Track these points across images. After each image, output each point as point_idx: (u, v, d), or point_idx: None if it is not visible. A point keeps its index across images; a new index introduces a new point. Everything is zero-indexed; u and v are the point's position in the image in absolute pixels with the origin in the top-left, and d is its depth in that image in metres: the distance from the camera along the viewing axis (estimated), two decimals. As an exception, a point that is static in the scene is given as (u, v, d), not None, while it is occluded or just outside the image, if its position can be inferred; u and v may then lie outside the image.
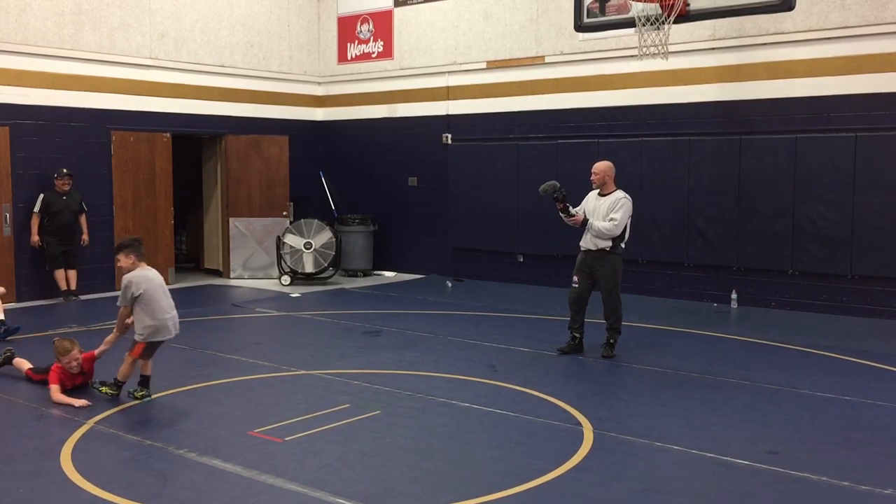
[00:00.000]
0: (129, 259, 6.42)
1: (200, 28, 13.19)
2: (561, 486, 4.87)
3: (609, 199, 7.98)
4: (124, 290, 6.36)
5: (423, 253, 13.99)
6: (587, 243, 8.04)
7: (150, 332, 6.39)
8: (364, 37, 14.55)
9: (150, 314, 6.36)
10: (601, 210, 7.95)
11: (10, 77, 11.03)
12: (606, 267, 7.96)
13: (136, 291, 6.31)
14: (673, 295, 11.32)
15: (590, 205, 8.07)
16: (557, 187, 7.94)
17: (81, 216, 11.49)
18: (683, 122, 11.21)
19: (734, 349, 8.55)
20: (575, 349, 8.19)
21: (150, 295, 6.35)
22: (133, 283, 6.33)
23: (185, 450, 5.43)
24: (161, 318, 6.40)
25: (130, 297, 6.33)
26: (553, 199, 7.98)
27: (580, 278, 8.09)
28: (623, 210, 7.87)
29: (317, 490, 4.76)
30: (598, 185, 8.07)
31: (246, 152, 13.78)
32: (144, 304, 6.34)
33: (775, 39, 10.47)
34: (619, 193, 8.02)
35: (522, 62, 12.65)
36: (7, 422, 6.12)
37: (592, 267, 8.01)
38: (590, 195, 8.16)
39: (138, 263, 6.44)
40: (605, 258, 7.97)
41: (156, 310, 6.37)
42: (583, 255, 8.11)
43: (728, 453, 5.38)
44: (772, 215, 10.55)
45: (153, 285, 6.41)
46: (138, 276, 6.36)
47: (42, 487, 4.85)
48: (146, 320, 6.36)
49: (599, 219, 7.90)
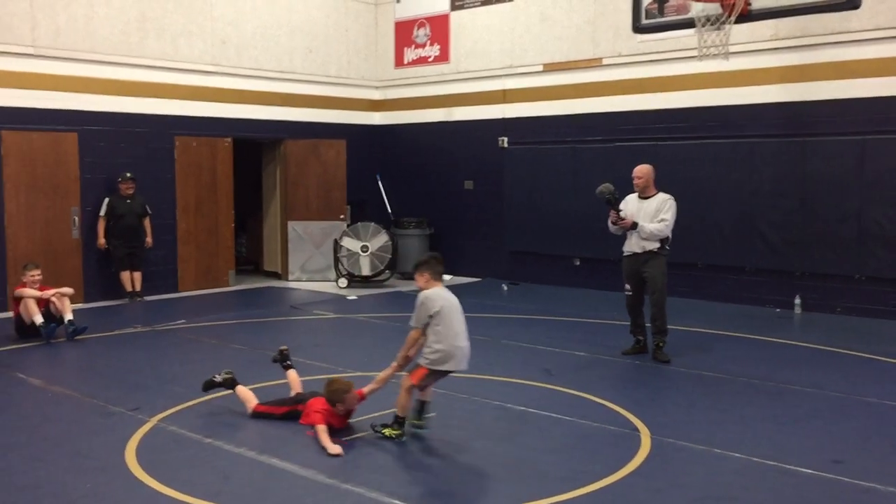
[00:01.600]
0: (422, 277, 5.77)
1: (261, 34, 13.41)
2: (618, 491, 4.81)
3: (654, 201, 7.99)
4: (418, 309, 5.63)
5: (479, 256, 13.98)
6: (632, 247, 8.04)
7: (439, 358, 5.56)
8: (421, 41, 14.62)
9: (441, 338, 5.57)
10: (647, 212, 7.94)
11: (78, 84, 11.37)
12: (655, 268, 7.95)
13: (431, 310, 5.57)
14: (734, 300, 11.10)
15: (631, 208, 8.04)
16: (613, 190, 7.94)
17: (145, 219, 11.78)
18: (745, 124, 11.00)
19: (797, 356, 8.35)
20: (639, 350, 8.21)
21: (445, 316, 5.59)
22: (429, 299, 5.61)
23: (244, 448, 5.53)
24: (453, 344, 5.58)
25: (425, 316, 5.58)
26: (607, 201, 7.98)
27: (632, 284, 8.10)
28: (672, 211, 7.90)
29: (372, 490, 4.80)
30: (642, 188, 8.07)
31: (304, 156, 13.97)
32: (438, 325, 5.57)
33: (840, 39, 10.20)
34: (663, 195, 8.03)
35: (579, 64, 12.57)
36: (74, 419, 6.30)
37: (640, 270, 8.01)
38: (629, 198, 8.14)
39: (433, 283, 5.75)
40: (652, 260, 7.96)
41: (449, 334, 5.57)
42: (629, 260, 8.12)
43: (791, 462, 5.26)
44: (837, 219, 10.28)
45: (450, 305, 5.67)
46: (435, 294, 5.66)
47: (108, 483, 4.98)
48: (436, 344, 5.56)
49: (647, 221, 7.88)
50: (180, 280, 12.58)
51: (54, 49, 11.11)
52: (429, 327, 5.59)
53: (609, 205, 7.99)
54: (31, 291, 8.91)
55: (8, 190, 10.78)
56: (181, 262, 12.58)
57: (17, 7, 10.77)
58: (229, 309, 11.33)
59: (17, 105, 10.80)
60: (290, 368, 6.68)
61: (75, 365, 8.27)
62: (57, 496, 4.78)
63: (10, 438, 5.80)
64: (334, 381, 5.91)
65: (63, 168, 11.29)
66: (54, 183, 11.21)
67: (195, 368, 7.85)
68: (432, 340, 5.58)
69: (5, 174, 10.76)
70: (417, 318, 5.64)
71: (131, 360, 8.22)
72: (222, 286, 13.03)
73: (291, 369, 6.67)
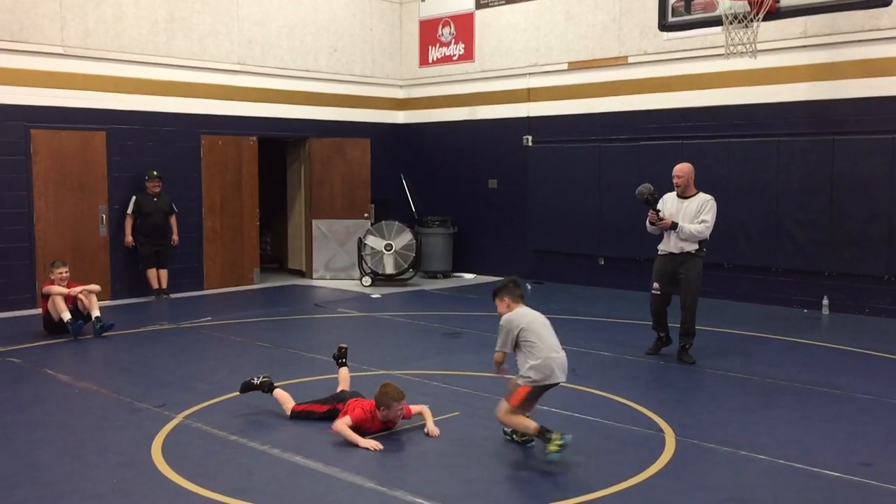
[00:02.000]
0: (503, 303, 5.65)
1: (286, 34, 13.48)
2: (642, 492, 4.78)
3: (694, 201, 7.87)
4: (501, 334, 5.52)
5: (503, 255, 13.95)
6: (670, 247, 7.90)
7: (539, 373, 5.39)
8: (445, 39, 14.62)
9: (537, 352, 5.40)
10: (688, 213, 7.82)
11: (107, 84, 11.49)
12: (692, 270, 7.83)
13: (515, 330, 5.43)
14: (761, 300, 10.99)
15: (670, 208, 7.92)
16: (652, 191, 7.84)
17: (172, 217, 11.89)
18: (773, 122, 10.89)
19: (825, 357, 8.25)
20: (662, 345, 8.14)
21: (534, 331, 5.45)
22: (509, 321, 5.49)
23: (268, 445, 5.55)
24: (549, 356, 5.41)
25: (511, 338, 5.44)
26: (646, 201, 7.87)
27: (661, 284, 7.97)
28: (713, 212, 7.79)
29: (395, 489, 4.80)
30: (682, 187, 7.94)
31: (329, 155, 14.02)
32: (528, 340, 5.44)
33: (870, 36, 10.06)
34: (703, 195, 7.92)
35: (605, 63, 12.50)
36: (101, 415, 6.37)
37: (675, 271, 7.88)
38: (668, 198, 8.02)
39: (514, 305, 5.63)
40: (689, 261, 7.84)
41: (543, 347, 5.43)
42: (664, 260, 7.98)
43: (818, 464, 5.19)
44: (867, 219, 10.14)
45: (534, 319, 5.55)
46: (516, 314, 5.54)
47: (133, 478, 5.03)
48: (532, 360, 5.40)
49: (687, 222, 7.76)
50: (206, 278, 12.68)
51: (83, 49, 11.24)
52: (519, 347, 5.45)
53: (648, 205, 7.88)
54: (58, 289, 9.02)
55: (37, 188, 10.93)
56: (207, 259, 12.68)
57: (47, 8, 10.91)
58: (254, 307, 11.40)
59: (46, 104, 10.94)
60: (343, 366, 6.65)
61: (102, 361, 8.36)
62: (83, 491, 4.83)
63: (37, 433, 5.87)
64: (388, 385, 5.78)
65: (91, 166, 11.42)
66: (82, 181, 11.34)
67: (220, 365, 7.92)
68: (528, 357, 5.42)
69: (35, 172, 10.90)
70: (502, 342, 5.51)
71: (157, 356, 8.30)
72: (247, 284, 13.11)
73: (344, 367, 6.64)
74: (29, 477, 5.04)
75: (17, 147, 10.76)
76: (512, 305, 5.63)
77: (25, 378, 7.44)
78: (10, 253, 10.72)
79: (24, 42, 10.73)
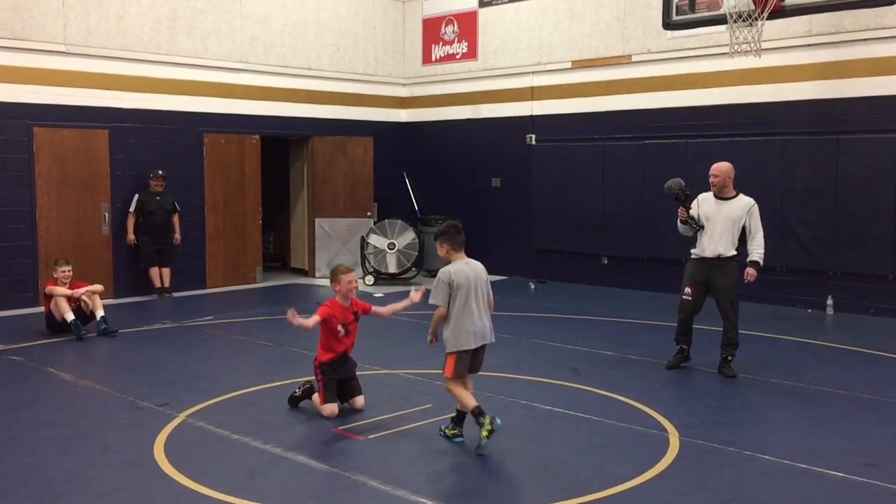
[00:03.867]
0: (442, 249, 5.58)
1: (289, 32, 13.46)
2: (645, 492, 4.76)
3: (736, 205, 7.37)
4: (440, 287, 5.45)
5: (506, 254, 13.93)
6: (703, 251, 7.40)
7: (455, 339, 5.45)
8: (448, 38, 14.60)
9: (456, 315, 5.45)
10: (728, 216, 7.33)
11: (109, 82, 11.48)
12: (728, 275, 7.34)
13: (449, 286, 5.39)
14: (765, 300, 10.95)
15: (706, 209, 7.42)
16: (683, 186, 7.36)
17: (174, 216, 11.88)
18: (777, 121, 10.85)
19: (829, 357, 8.23)
20: (683, 360, 7.70)
21: (463, 292, 5.43)
22: (449, 275, 5.43)
23: (271, 445, 5.54)
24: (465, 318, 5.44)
25: (447, 294, 5.39)
26: (675, 198, 7.38)
27: (694, 290, 7.45)
28: (759, 219, 7.38)
29: (399, 488, 4.79)
30: (720, 187, 7.42)
31: (331, 153, 14.00)
32: (454, 302, 5.41)
33: (876, 35, 10.03)
34: (746, 200, 7.41)
35: (608, 61, 12.47)
36: (104, 414, 6.37)
37: (710, 276, 7.38)
38: (704, 198, 7.51)
39: (454, 254, 5.55)
40: (725, 266, 7.34)
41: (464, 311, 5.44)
42: (697, 264, 7.48)
43: (821, 464, 5.17)
44: (871, 218, 10.11)
45: (469, 279, 5.47)
46: (453, 270, 5.47)
47: (136, 477, 5.02)
48: (450, 324, 5.47)
49: (728, 226, 7.31)
50: (208, 276, 12.67)
51: (86, 47, 11.23)
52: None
53: (678, 201, 7.37)
54: (61, 290, 9.00)
55: (40, 186, 10.92)
56: (209, 258, 12.67)
57: (50, 6, 10.90)
58: (257, 305, 11.40)
59: (48, 102, 10.93)
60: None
61: (105, 360, 8.36)
62: (86, 489, 4.82)
63: (40, 432, 5.87)
64: (337, 265, 6.29)
65: (94, 165, 11.41)
66: (85, 179, 11.34)
67: (223, 364, 7.92)
68: (448, 321, 5.44)
69: (37, 170, 10.89)
70: (442, 298, 5.44)
71: (160, 355, 8.29)
72: (250, 283, 13.11)
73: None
74: (32, 476, 5.04)
75: (19, 145, 10.76)
76: (451, 253, 5.54)
77: (28, 377, 7.44)
78: (12, 251, 10.72)
79: (27, 40, 10.72)
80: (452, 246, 5.55)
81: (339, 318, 6.14)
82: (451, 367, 5.50)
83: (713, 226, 7.36)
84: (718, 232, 7.33)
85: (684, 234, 7.60)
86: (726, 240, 7.33)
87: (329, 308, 6.13)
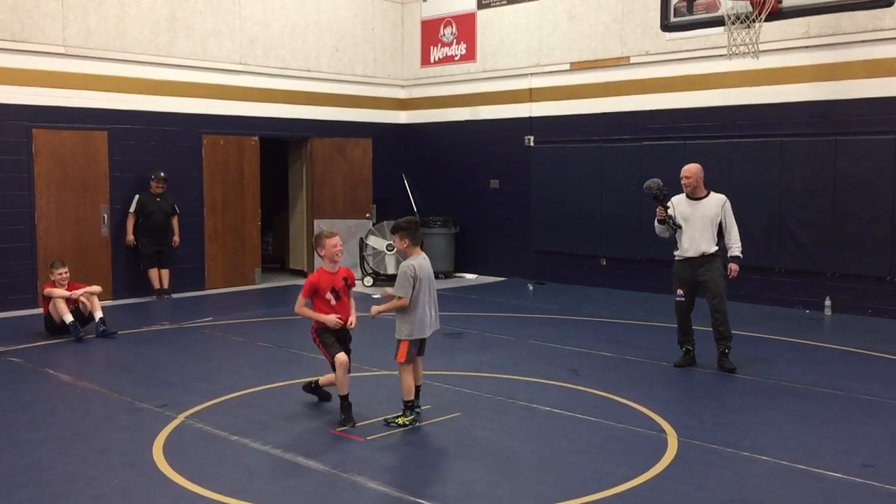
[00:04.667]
0: (402, 242, 5.91)
1: (288, 33, 13.48)
2: (643, 493, 4.77)
3: (709, 203, 7.60)
4: (406, 279, 5.80)
5: (505, 255, 13.95)
6: (685, 251, 7.61)
7: (413, 327, 5.87)
8: (447, 39, 14.62)
9: (416, 307, 5.85)
10: (704, 214, 7.55)
11: (108, 83, 11.49)
12: (714, 271, 7.57)
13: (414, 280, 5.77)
14: (763, 301, 10.98)
15: (683, 210, 7.63)
16: (661, 186, 7.56)
17: (174, 218, 11.88)
18: (775, 122, 10.87)
19: (827, 358, 8.24)
20: (691, 361, 7.80)
21: (424, 286, 5.85)
22: (414, 269, 5.80)
23: (270, 446, 5.55)
24: (425, 311, 5.88)
25: (411, 287, 5.78)
26: (654, 197, 7.57)
27: (685, 290, 7.67)
28: (732, 215, 7.63)
29: (397, 490, 4.79)
30: (692, 188, 7.64)
31: (330, 155, 14.01)
32: (416, 295, 5.80)
33: (873, 37, 10.04)
34: (717, 196, 7.65)
35: (607, 63, 12.49)
36: (103, 415, 6.37)
37: (696, 274, 7.59)
38: (678, 199, 7.71)
39: (413, 249, 5.90)
40: (709, 263, 7.57)
41: (424, 303, 5.86)
42: (683, 265, 7.68)
43: (820, 465, 5.18)
44: (869, 219, 10.13)
45: (428, 273, 5.91)
46: (417, 264, 5.85)
47: (135, 479, 5.02)
48: (410, 314, 5.85)
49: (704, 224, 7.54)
50: (207, 278, 12.68)
51: (85, 49, 11.24)
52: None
53: (657, 201, 7.57)
54: (60, 292, 9.00)
55: (39, 187, 10.92)
56: (208, 259, 12.68)
57: (49, 7, 10.91)
58: (255, 306, 11.40)
59: (48, 104, 10.94)
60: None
61: (104, 361, 8.36)
62: (85, 490, 4.83)
63: (39, 433, 5.87)
64: (320, 231, 6.38)
65: (93, 166, 11.42)
66: (84, 181, 11.34)
67: (222, 366, 7.93)
68: (409, 311, 5.82)
69: (36, 172, 10.90)
70: (406, 289, 5.79)
71: (159, 356, 8.30)
72: (248, 284, 13.11)
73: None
74: (31, 477, 5.04)
75: (18, 147, 10.76)
76: (410, 248, 5.89)
77: (27, 378, 7.44)
78: (11, 253, 10.72)
79: (26, 42, 10.73)
80: (412, 241, 5.91)
81: (327, 285, 6.16)
82: (405, 353, 5.90)
83: (692, 226, 7.59)
84: (699, 231, 7.57)
85: (661, 234, 7.79)
86: (707, 238, 7.57)
87: (314, 278, 6.16)
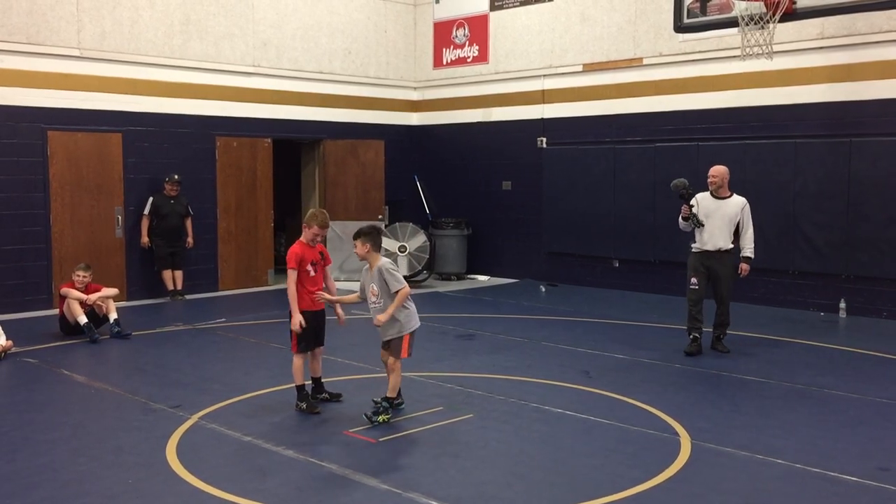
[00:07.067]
0: (364, 247, 6.20)
1: (301, 36, 13.51)
2: (657, 496, 4.75)
3: (730, 204, 8.22)
4: (395, 273, 6.14)
5: (517, 257, 13.93)
6: (704, 245, 8.21)
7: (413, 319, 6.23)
8: (460, 41, 14.62)
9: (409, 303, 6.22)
10: (725, 213, 8.16)
11: (123, 86, 11.56)
12: (728, 266, 8.24)
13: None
14: (777, 303, 10.92)
15: (706, 206, 8.21)
16: (687, 185, 8.12)
17: (187, 219, 11.93)
18: (789, 123, 10.82)
19: (842, 360, 8.19)
20: (698, 349, 8.27)
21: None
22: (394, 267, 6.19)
23: (283, 447, 5.56)
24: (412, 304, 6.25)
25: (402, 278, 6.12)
26: (680, 196, 8.16)
27: (699, 279, 8.24)
28: (751, 217, 8.25)
29: (409, 491, 4.79)
30: (716, 187, 8.24)
31: (343, 157, 14.04)
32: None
33: (889, 37, 9.98)
34: (739, 199, 8.28)
35: (620, 64, 12.46)
36: (117, 416, 6.40)
37: (711, 267, 8.20)
38: (702, 196, 8.29)
39: (373, 254, 6.21)
40: (725, 257, 8.21)
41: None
42: (699, 256, 8.27)
43: (835, 469, 5.15)
44: (884, 221, 10.06)
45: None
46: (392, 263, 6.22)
47: (149, 479, 5.05)
48: (405, 309, 6.18)
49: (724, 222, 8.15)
50: (220, 279, 12.72)
51: (100, 51, 11.31)
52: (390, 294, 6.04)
53: (682, 199, 8.15)
54: (75, 293, 9.05)
55: (54, 189, 11.00)
56: (221, 261, 12.72)
57: (64, 10, 10.98)
58: (268, 308, 11.42)
59: (62, 106, 11.01)
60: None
61: (118, 362, 8.40)
62: (99, 491, 4.85)
63: (53, 434, 5.90)
64: (317, 210, 6.62)
65: (107, 168, 11.48)
66: (99, 183, 11.41)
67: (235, 367, 7.95)
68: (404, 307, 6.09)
69: (51, 174, 10.97)
70: (399, 280, 6.08)
71: (172, 357, 8.33)
72: (261, 285, 13.15)
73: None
74: (46, 477, 5.07)
75: (33, 149, 10.83)
76: (371, 253, 6.16)
77: (42, 378, 7.49)
78: (26, 254, 10.80)
79: (41, 44, 10.80)
80: (373, 246, 6.18)
81: (309, 256, 6.55)
82: (408, 347, 6.14)
83: (713, 222, 8.18)
84: (718, 228, 8.18)
85: (684, 229, 8.42)
86: (725, 234, 8.20)
87: (299, 249, 6.50)
